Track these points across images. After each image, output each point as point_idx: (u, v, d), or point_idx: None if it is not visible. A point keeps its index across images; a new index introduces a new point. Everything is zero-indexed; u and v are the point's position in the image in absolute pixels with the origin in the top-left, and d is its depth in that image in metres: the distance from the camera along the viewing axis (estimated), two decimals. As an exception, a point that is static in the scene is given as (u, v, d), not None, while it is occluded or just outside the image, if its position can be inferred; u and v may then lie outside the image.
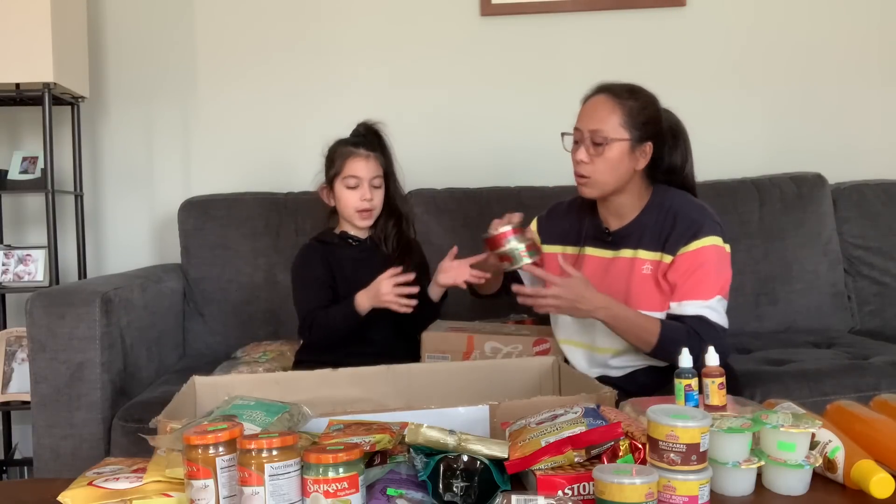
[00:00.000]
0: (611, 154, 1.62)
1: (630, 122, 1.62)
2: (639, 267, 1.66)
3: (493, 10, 2.75)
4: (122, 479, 1.05)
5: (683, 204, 1.68)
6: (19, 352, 2.38)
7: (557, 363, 1.63)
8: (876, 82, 2.79)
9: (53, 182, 2.36)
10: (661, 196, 1.70)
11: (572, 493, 1.00)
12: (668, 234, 1.64)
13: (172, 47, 2.77)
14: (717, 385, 1.17)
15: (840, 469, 1.07)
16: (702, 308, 1.59)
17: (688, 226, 1.63)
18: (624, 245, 1.70)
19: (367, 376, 1.58)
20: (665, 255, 1.64)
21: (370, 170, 1.93)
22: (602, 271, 1.71)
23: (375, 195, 1.94)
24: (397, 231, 1.99)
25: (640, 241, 1.67)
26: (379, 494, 1.01)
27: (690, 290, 1.60)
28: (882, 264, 2.53)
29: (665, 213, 1.66)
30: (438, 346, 1.88)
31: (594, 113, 1.64)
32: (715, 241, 1.62)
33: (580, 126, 1.66)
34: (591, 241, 1.76)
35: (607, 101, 1.64)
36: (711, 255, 1.61)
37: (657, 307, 1.64)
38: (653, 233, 1.66)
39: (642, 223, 1.68)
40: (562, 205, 1.88)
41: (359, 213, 1.93)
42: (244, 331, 2.40)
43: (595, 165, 1.63)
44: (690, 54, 2.77)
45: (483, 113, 2.78)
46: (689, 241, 1.61)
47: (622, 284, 1.67)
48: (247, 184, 2.68)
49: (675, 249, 1.62)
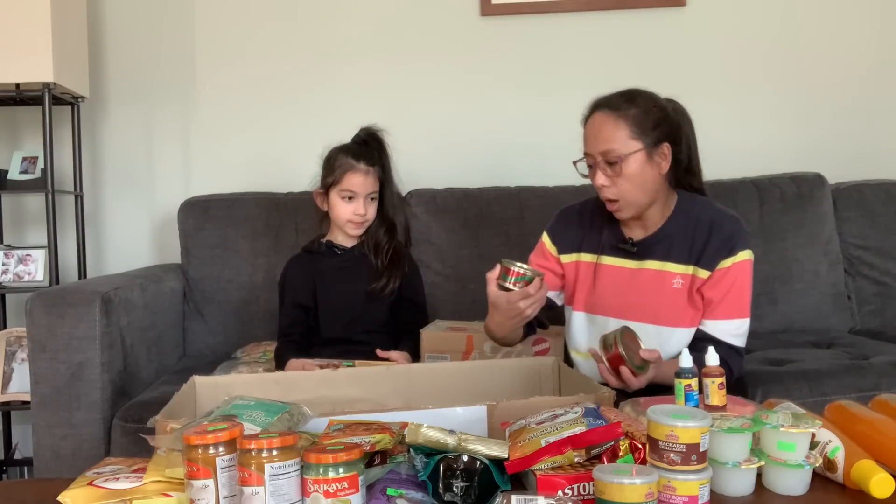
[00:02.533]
0: (630, 170, 1.54)
1: (639, 131, 1.54)
2: (669, 280, 1.61)
3: (493, 10, 2.75)
4: (122, 479, 1.05)
5: (716, 214, 1.62)
6: (19, 352, 2.38)
7: (557, 363, 1.63)
8: (876, 82, 2.79)
9: (53, 182, 2.36)
10: (688, 204, 1.65)
11: (572, 493, 1.00)
12: (703, 247, 1.58)
13: (172, 47, 2.77)
14: (717, 385, 1.17)
15: (840, 469, 1.07)
16: (733, 337, 1.58)
17: (725, 239, 1.58)
18: (649, 256, 1.63)
19: (367, 376, 1.58)
20: (699, 270, 1.59)
21: (367, 185, 1.93)
22: (625, 282, 1.64)
23: (369, 209, 1.95)
24: (388, 240, 2.00)
25: (669, 252, 1.61)
26: (379, 494, 1.01)
27: (725, 310, 1.58)
28: (882, 264, 2.53)
29: (695, 223, 1.61)
30: (438, 345, 1.89)
31: (599, 134, 1.56)
32: (749, 255, 1.59)
33: (589, 151, 1.58)
34: (610, 249, 1.67)
35: (608, 117, 1.56)
36: (747, 271, 1.59)
37: (688, 323, 1.60)
38: (682, 244, 1.60)
39: (669, 233, 1.62)
40: (571, 209, 1.77)
41: (350, 223, 1.94)
42: (244, 331, 2.40)
43: (619, 186, 1.56)
44: (690, 54, 2.77)
45: (483, 113, 2.78)
46: (727, 256, 1.57)
47: (650, 297, 1.61)
48: (247, 184, 2.68)
49: (712, 264, 1.58)
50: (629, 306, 1.62)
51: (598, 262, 1.68)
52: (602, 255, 1.68)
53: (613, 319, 1.64)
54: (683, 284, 1.60)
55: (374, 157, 1.95)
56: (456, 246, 2.48)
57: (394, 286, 1.95)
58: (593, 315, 1.68)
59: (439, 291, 2.43)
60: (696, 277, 1.59)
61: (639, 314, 1.61)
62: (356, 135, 2.01)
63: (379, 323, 1.97)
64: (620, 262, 1.66)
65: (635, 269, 1.64)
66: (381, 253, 1.98)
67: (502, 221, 2.49)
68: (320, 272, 1.98)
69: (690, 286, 1.60)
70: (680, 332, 1.61)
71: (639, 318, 1.61)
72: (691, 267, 1.60)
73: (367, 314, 1.96)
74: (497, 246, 2.46)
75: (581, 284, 1.70)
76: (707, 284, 1.58)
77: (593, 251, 1.70)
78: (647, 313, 1.61)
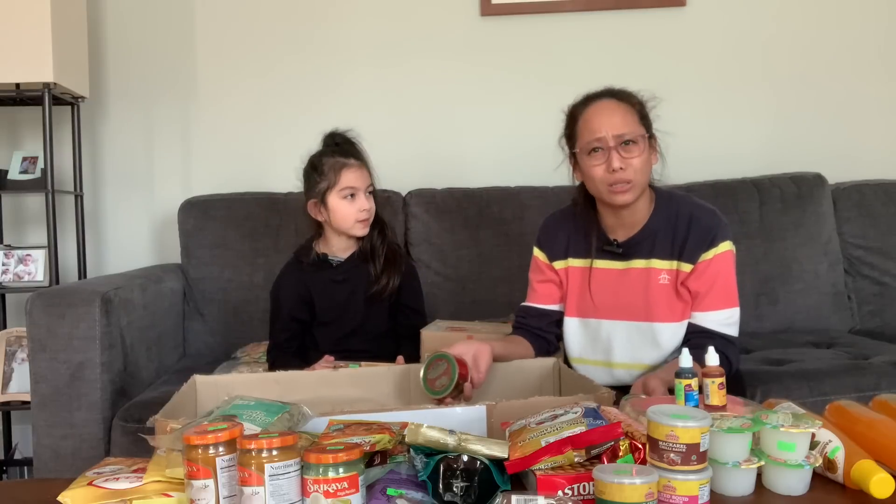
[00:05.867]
0: (641, 152, 1.57)
1: (642, 119, 1.61)
2: (655, 277, 1.63)
3: (493, 10, 2.75)
4: (122, 479, 1.05)
5: (694, 208, 1.65)
6: (19, 352, 2.38)
7: (558, 364, 1.63)
8: (876, 82, 2.79)
9: (53, 182, 2.36)
10: (667, 201, 1.67)
11: (572, 493, 1.00)
12: (683, 241, 1.61)
13: (172, 47, 2.77)
14: (717, 385, 1.17)
15: (840, 469, 1.07)
16: (725, 326, 1.60)
17: (704, 232, 1.60)
18: (635, 255, 1.65)
19: (367, 376, 1.58)
20: (682, 264, 1.61)
21: (364, 179, 1.91)
22: (615, 283, 1.66)
23: (371, 203, 1.92)
24: (382, 240, 1.97)
25: (653, 249, 1.64)
26: (379, 494, 1.01)
27: (713, 300, 1.60)
28: (882, 264, 2.53)
29: (675, 218, 1.63)
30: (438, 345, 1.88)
31: (613, 116, 1.58)
32: (729, 246, 1.62)
33: (602, 134, 1.56)
34: (599, 253, 1.69)
35: (618, 104, 1.59)
36: (728, 261, 1.61)
37: (678, 317, 1.62)
38: (665, 240, 1.63)
39: (651, 230, 1.64)
40: (552, 218, 1.79)
41: (359, 223, 1.90)
42: (244, 331, 2.40)
43: (634, 167, 1.56)
44: (690, 54, 2.77)
45: (483, 113, 2.78)
46: (708, 248, 1.60)
47: (639, 295, 1.64)
48: (247, 184, 2.68)
49: (693, 257, 1.60)
50: (621, 307, 1.65)
51: (593, 266, 1.69)
52: (595, 259, 1.69)
53: (606, 322, 1.67)
54: (669, 280, 1.63)
55: (357, 154, 1.94)
56: (456, 246, 2.48)
57: (394, 285, 1.93)
58: (586, 319, 1.70)
59: (439, 291, 2.43)
60: (681, 272, 1.62)
61: (630, 313, 1.64)
62: (327, 139, 1.97)
63: (378, 332, 1.95)
64: (609, 265, 1.68)
65: (623, 270, 1.67)
66: (378, 254, 1.95)
67: (502, 221, 2.49)
68: (317, 286, 1.93)
69: (675, 280, 1.62)
70: (672, 327, 1.63)
71: (631, 318, 1.64)
72: (675, 262, 1.63)
73: (367, 324, 1.94)
74: (497, 246, 2.47)
75: (572, 290, 1.72)
76: (691, 277, 1.61)
77: (582, 256, 1.72)
78: (638, 311, 1.63)
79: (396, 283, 1.94)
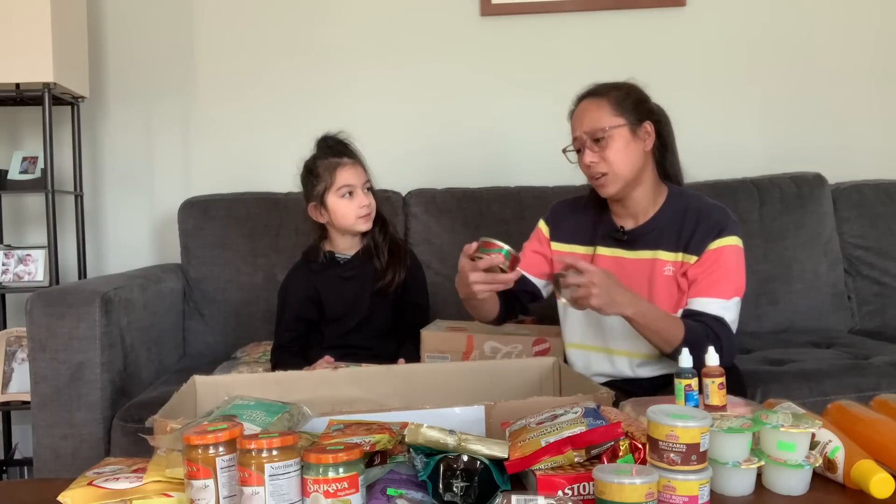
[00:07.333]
0: (616, 143, 1.61)
1: (620, 109, 1.63)
2: (660, 268, 1.64)
3: (493, 10, 2.75)
4: (122, 479, 1.05)
5: (704, 205, 1.67)
6: (19, 352, 2.38)
7: (558, 363, 1.63)
8: (875, 82, 2.79)
9: (53, 182, 2.36)
10: (678, 197, 1.69)
11: (572, 493, 1.00)
12: (691, 234, 1.62)
13: (172, 47, 2.77)
14: (717, 385, 1.17)
15: (840, 469, 1.07)
16: (722, 310, 1.58)
17: (712, 226, 1.62)
18: (641, 245, 1.67)
19: (367, 376, 1.57)
20: (687, 256, 1.62)
21: (360, 176, 1.93)
22: (619, 270, 1.65)
23: (371, 199, 1.94)
24: (384, 236, 1.99)
25: (660, 241, 1.65)
26: (379, 494, 1.01)
27: (711, 287, 1.59)
28: (882, 264, 2.53)
29: (684, 213, 1.65)
30: (438, 345, 1.89)
31: (584, 116, 1.65)
32: (737, 241, 1.63)
33: (576, 134, 1.66)
34: (603, 240, 1.72)
35: (592, 101, 1.66)
36: (733, 254, 1.62)
37: (679, 308, 1.63)
38: (672, 233, 1.64)
39: (660, 222, 1.67)
40: (565, 203, 1.85)
41: (360, 218, 1.92)
42: (244, 331, 2.40)
43: (607, 160, 1.62)
44: (690, 54, 2.77)
45: (483, 113, 2.78)
46: (714, 238, 1.61)
47: (643, 285, 1.64)
48: (247, 184, 2.68)
49: (700, 249, 1.61)
50: None
51: (595, 253, 1.71)
52: (597, 246, 1.72)
53: None
54: (674, 271, 1.64)
55: (350, 152, 1.96)
56: (456, 246, 2.45)
57: (399, 279, 1.95)
58: None
59: (439, 291, 2.43)
60: (685, 263, 1.63)
61: None
62: (321, 143, 1.99)
63: (381, 328, 1.97)
64: (613, 252, 1.70)
65: (628, 259, 1.69)
66: (381, 250, 1.97)
67: (502, 221, 2.49)
68: (325, 284, 1.96)
69: (678, 272, 1.63)
70: None
71: None
72: (680, 254, 1.63)
73: (372, 319, 1.96)
74: (497, 246, 2.46)
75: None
76: (694, 265, 1.61)
77: (587, 243, 1.74)
78: None
79: (402, 277, 1.96)
